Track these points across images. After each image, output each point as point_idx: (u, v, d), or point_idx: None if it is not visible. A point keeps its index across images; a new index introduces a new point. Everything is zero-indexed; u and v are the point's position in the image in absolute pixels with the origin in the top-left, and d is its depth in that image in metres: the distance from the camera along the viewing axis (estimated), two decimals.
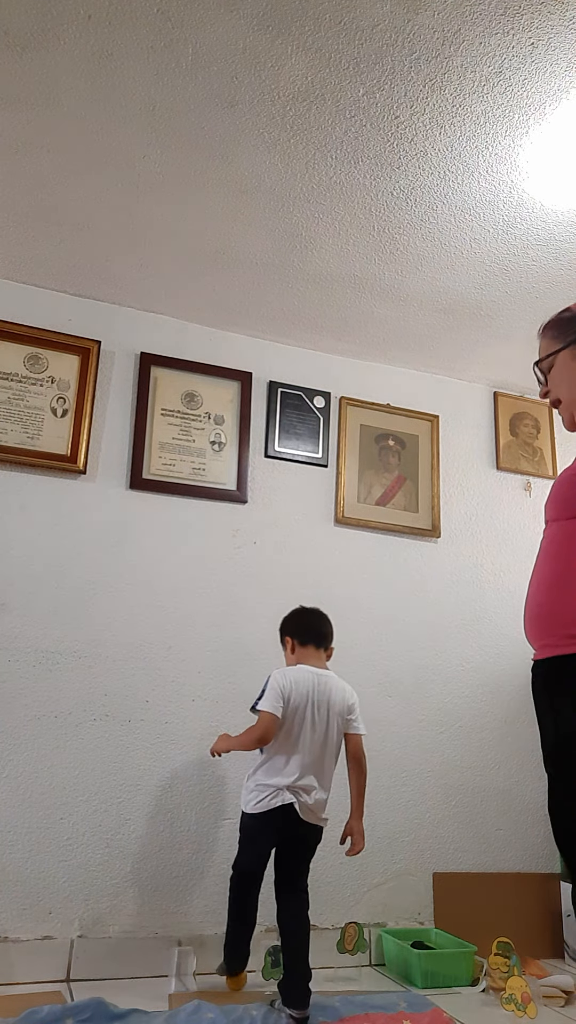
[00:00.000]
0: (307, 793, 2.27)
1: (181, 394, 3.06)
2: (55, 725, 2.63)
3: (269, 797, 2.25)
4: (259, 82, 2.00)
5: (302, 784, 2.26)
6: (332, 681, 2.42)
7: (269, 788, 2.26)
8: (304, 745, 2.30)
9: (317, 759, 2.31)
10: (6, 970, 2.37)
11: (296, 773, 2.27)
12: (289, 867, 2.33)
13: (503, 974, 2.46)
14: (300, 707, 2.32)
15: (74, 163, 2.32)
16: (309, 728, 2.31)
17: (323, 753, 2.33)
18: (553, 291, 2.83)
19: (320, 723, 2.33)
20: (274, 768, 2.29)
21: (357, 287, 2.88)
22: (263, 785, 2.28)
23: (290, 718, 2.30)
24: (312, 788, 2.28)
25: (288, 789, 2.25)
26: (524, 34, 1.84)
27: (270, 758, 2.30)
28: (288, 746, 2.30)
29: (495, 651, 3.27)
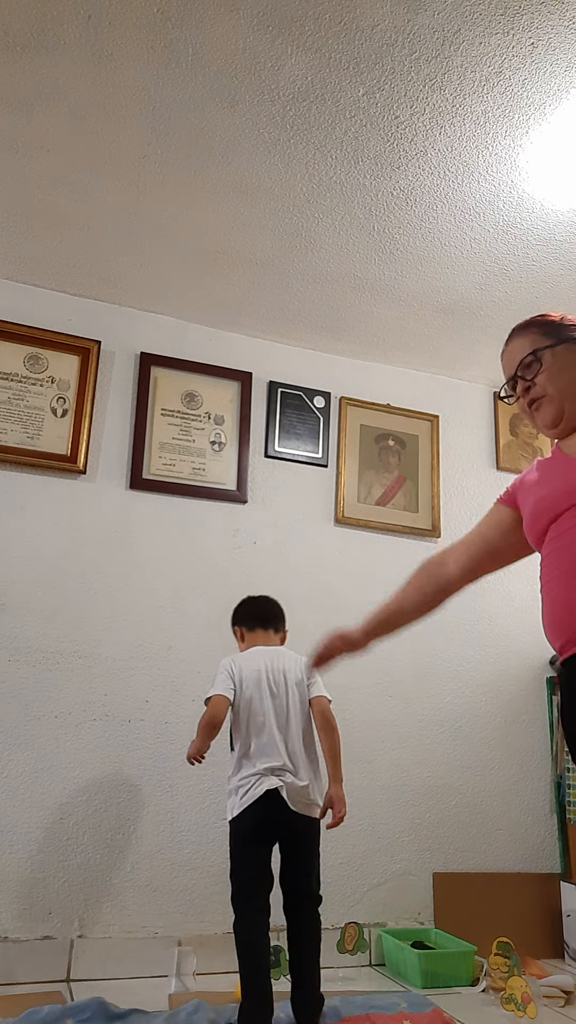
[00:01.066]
0: (292, 775, 2.13)
1: (181, 394, 3.06)
2: (55, 725, 2.63)
3: (252, 786, 2.11)
4: (259, 82, 2.00)
5: (283, 765, 2.14)
6: (286, 654, 2.34)
7: (250, 778, 2.13)
8: (271, 723, 2.19)
9: (289, 735, 2.19)
10: (6, 970, 2.37)
11: (273, 755, 2.15)
12: (291, 868, 2.15)
13: (503, 974, 2.46)
14: (255, 684, 2.24)
15: (74, 163, 2.32)
16: (271, 704, 2.22)
17: (294, 728, 2.21)
18: (553, 291, 2.83)
19: (280, 696, 2.24)
20: (248, 758, 2.17)
21: (357, 287, 2.88)
22: (243, 778, 2.14)
23: (247, 700, 2.22)
24: (294, 769, 2.15)
25: (272, 772, 2.12)
26: (524, 34, 1.84)
27: (242, 750, 2.19)
28: (256, 730, 2.19)
29: (495, 651, 3.27)
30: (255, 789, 2.12)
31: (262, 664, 2.29)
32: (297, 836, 2.16)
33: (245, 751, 2.19)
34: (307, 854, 2.18)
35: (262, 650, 2.34)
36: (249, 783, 2.13)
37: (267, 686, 2.25)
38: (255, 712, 2.22)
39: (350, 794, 2.89)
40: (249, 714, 2.22)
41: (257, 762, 2.15)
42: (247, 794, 2.12)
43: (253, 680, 2.25)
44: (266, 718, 2.21)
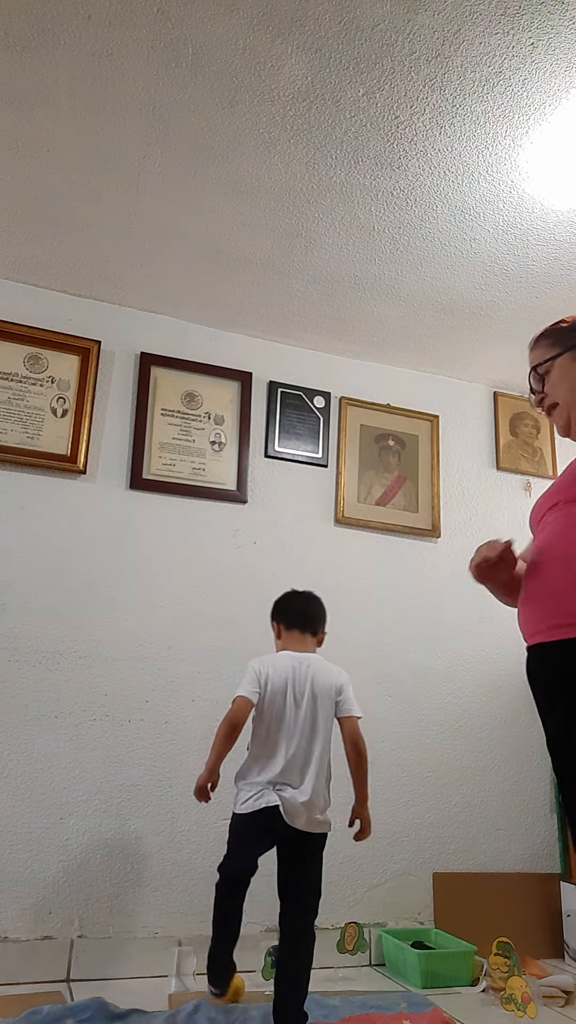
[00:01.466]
0: (294, 789, 2.09)
1: (181, 394, 3.06)
2: (55, 725, 2.63)
3: (254, 797, 2.10)
4: (259, 82, 2.00)
5: (288, 780, 2.10)
6: (316, 663, 2.27)
7: (255, 787, 2.11)
8: (287, 736, 2.15)
9: (303, 751, 2.14)
10: (6, 970, 2.37)
11: (280, 766, 2.11)
12: (287, 879, 2.13)
13: (503, 974, 2.46)
14: (279, 694, 2.19)
15: (74, 163, 2.32)
16: (291, 716, 2.17)
17: (310, 744, 2.16)
18: (553, 291, 2.83)
19: (303, 709, 2.18)
20: (258, 764, 2.15)
21: (357, 287, 2.88)
22: (249, 783, 2.14)
23: (269, 707, 2.18)
24: (299, 784, 2.10)
25: (273, 787, 2.10)
26: (524, 34, 1.84)
27: (255, 754, 2.18)
28: (271, 739, 2.16)
29: (495, 651, 3.27)
30: (256, 800, 2.10)
31: (290, 671, 2.23)
32: (296, 850, 2.12)
33: (257, 755, 2.18)
34: (305, 870, 2.13)
35: (290, 657, 2.28)
36: (252, 791, 2.12)
37: (291, 701, 2.19)
38: (273, 719, 2.18)
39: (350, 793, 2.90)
40: (268, 720, 2.19)
41: (265, 772, 2.13)
42: (247, 802, 2.12)
43: (280, 686, 2.20)
44: (283, 734, 2.16)
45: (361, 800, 2.21)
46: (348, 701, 2.25)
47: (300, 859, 2.13)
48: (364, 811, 2.21)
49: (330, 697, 2.23)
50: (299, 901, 2.10)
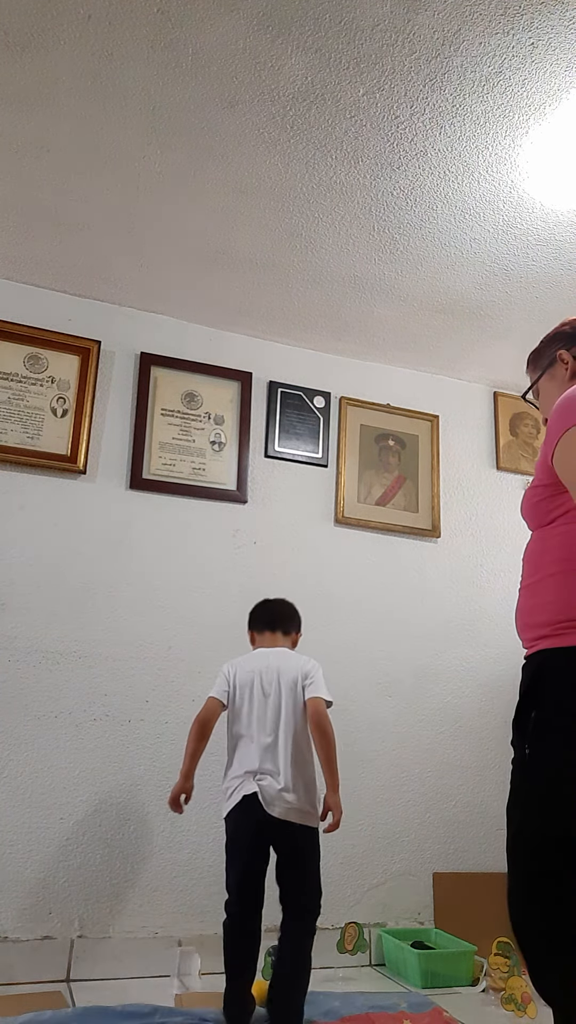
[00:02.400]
0: (272, 777, 2.07)
1: (181, 394, 3.06)
2: (55, 725, 2.63)
3: (235, 790, 2.09)
4: (259, 82, 2.00)
5: (265, 769, 2.08)
6: (286, 654, 2.29)
7: (233, 781, 2.12)
8: (260, 726, 2.15)
9: (275, 737, 2.13)
10: (6, 970, 2.37)
11: (257, 757, 2.10)
12: (281, 875, 2.10)
13: (503, 974, 2.46)
14: (247, 686, 2.21)
15: (74, 163, 2.32)
16: (261, 707, 2.17)
17: (283, 730, 2.14)
18: (553, 291, 2.83)
19: (272, 696, 2.18)
20: (236, 759, 2.15)
21: (357, 287, 2.88)
22: (229, 779, 2.13)
23: (240, 702, 2.20)
24: (275, 772, 2.08)
25: (253, 776, 2.08)
26: (524, 34, 1.84)
27: (231, 750, 2.19)
28: (245, 731, 2.16)
29: (495, 651, 3.27)
30: (236, 793, 2.10)
31: (257, 665, 2.26)
32: (282, 842, 2.09)
33: (233, 752, 2.19)
34: (295, 861, 2.10)
35: (262, 651, 2.33)
36: (232, 786, 2.12)
37: (259, 687, 2.21)
38: (243, 713, 2.19)
39: (350, 794, 2.89)
40: (239, 715, 2.20)
41: (241, 764, 2.13)
42: (230, 797, 2.12)
43: (246, 681, 2.23)
44: (251, 719, 2.17)
45: (330, 786, 2.14)
46: (315, 684, 2.22)
47: (289, 854, 2.09)
48: (334, 796, 2.13)
49: (297, 683, 2.21)
50: (295, 900, 2.08)
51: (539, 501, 1.51)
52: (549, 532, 1.50)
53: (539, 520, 1.53)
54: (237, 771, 2.13)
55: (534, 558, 1.54)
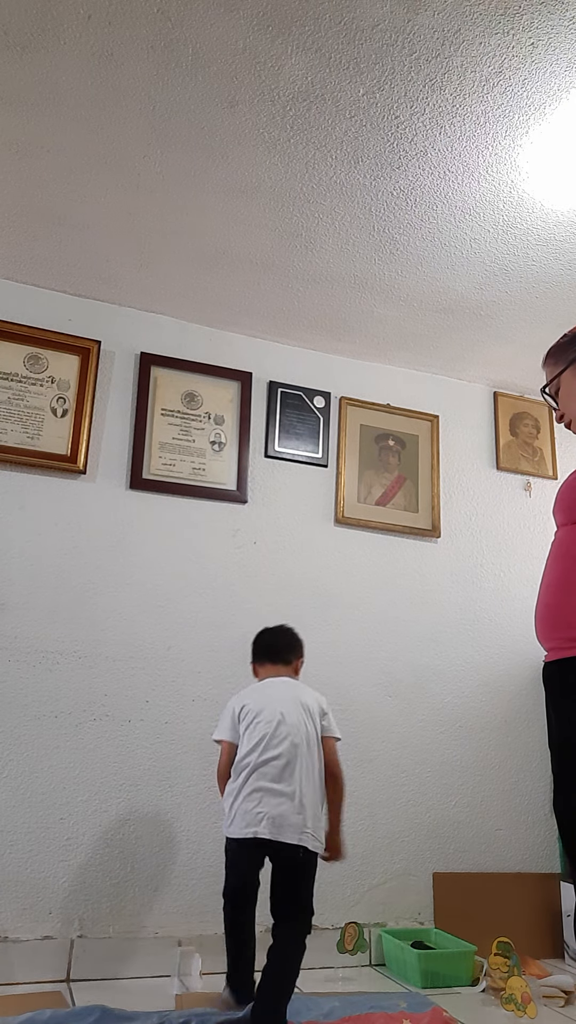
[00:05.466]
0: (287, 799, 2.06)
1: (181, 394, 3.06)
2: (55, 725, 2.63)
3: (241, 824, 2.06)
4: (259, 82, 2.00)
5: (280, 788, 2.07)
6: (295, 683, 2.30)
7: (241, 810, 2.08)
8: (274, 746, 2.11)
9: (292, 760, 2.10)
10: (6, 970, 2.37)
11: (270, 776, 2.08)
12: (276, 892, 2.11)
13: (503, 974, 2.46)
14: (259, 711, 2.18)
15: (74, 163, 2.32)
16: (275, 728, 2.14)
17: (299, 753, 2.12)
18: (553, 291, 2.83)
19: (289, 721, 2.15)
20: (240, 785, 2.11)
21: (357, 287, 2.88)
22: (235, 806, 2.10)
23: (252, 727, 2.17)
24: (291, 793, 2.06)
25: (264, 794, 2.06)
26: (524, 34, 1.84)
27: (236, 775, 2.15)
28: (257, 754, 2.12)
29: (495, 651, 3.27)
30: (244, 828, 2.06)
31: (270, 692, 2.24)
32: (281, 859, 2.08)
33: (238, 778, 2.13)
34: (292, 877, 2.09)
35: (270, 681, 2.31)
36: (238, 813, 2.09)
37: (274, 711, 2.17)
38: (256, 735, 2.15)
39: (351, 794, 2.89)
40: (251, 738, 2.16)
41: (252, 783, 2.10)
42: (233, 825, 2.09)
43: (259, 707, 2.19)
44: (265, 742, 2.13)
45: (334, 828, 2.21)
46: (331, 723, 2.27)
47: (290, 868, 2.07)
48: (334, 837, 2.20)
49: (315, 713, 2.23)
50: (279, 908, 2.08)
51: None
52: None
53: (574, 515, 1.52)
54: (247, 790, 2.08)
55: (569, 552, 1.52)
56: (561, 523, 1.60)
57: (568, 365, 1.66)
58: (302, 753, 2.13)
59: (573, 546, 1.53)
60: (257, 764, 2.11)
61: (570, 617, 1.48)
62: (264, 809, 2.05)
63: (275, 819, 2.04)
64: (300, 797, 2.07)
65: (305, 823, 2.06)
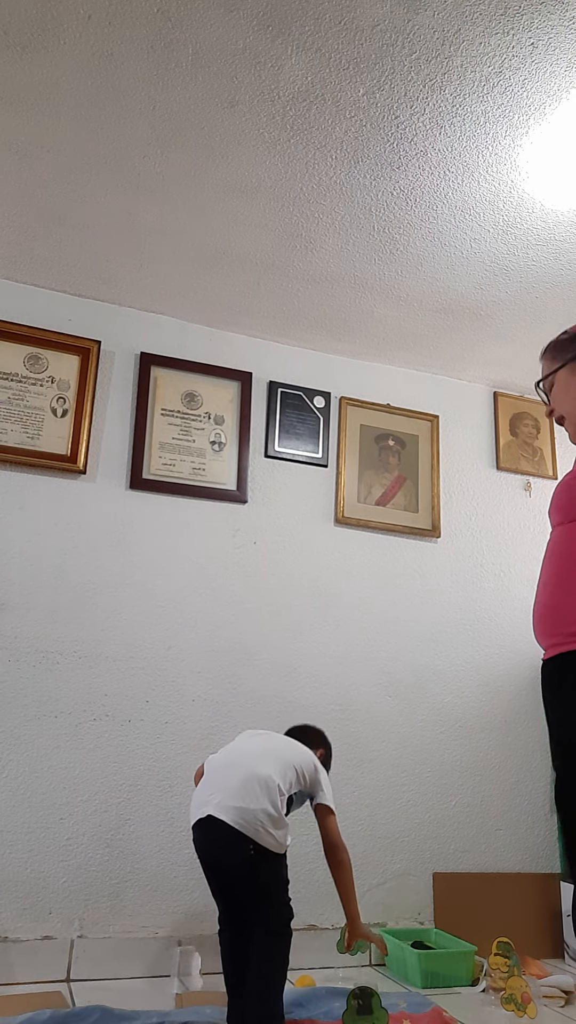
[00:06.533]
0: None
1: (181, 394, 3.06)
2: (55, 725, 2.63)
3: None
4: (259, 82, 2.00)
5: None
6: (284, 738, 2.29)
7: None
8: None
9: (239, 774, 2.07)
10: (6, 970, 2.37)
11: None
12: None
13: (503, 974, 2.46)
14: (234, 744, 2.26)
15: (74, 163, 2.32)
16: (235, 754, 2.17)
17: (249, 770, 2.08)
18: (553, 291, 2.83)
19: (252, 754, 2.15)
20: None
21: (357, 287, 2.88)
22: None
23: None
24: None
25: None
26: (524, 34, 1.84)
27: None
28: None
29: (495, 651, 3.27)
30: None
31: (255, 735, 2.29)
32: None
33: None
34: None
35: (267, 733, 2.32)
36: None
37: (243, 746, 2.21)
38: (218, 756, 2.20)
39: (350, 794, 2.90)
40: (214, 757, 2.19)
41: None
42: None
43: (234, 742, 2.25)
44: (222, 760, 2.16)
45: (354, 917, 2.20)
46: (325, 790, 2.18)
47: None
48: (360, 926, 2.19)
49: (292, 770, 2.11)
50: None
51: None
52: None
53: (572, 514, 1.53)
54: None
55: (566, 551, 1.53)
56: (556, 523, 1.60)
57: (564, 363, 1.67)
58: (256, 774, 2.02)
59: (569, 545, 1.54)
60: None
61: (568, 614, 1.49)
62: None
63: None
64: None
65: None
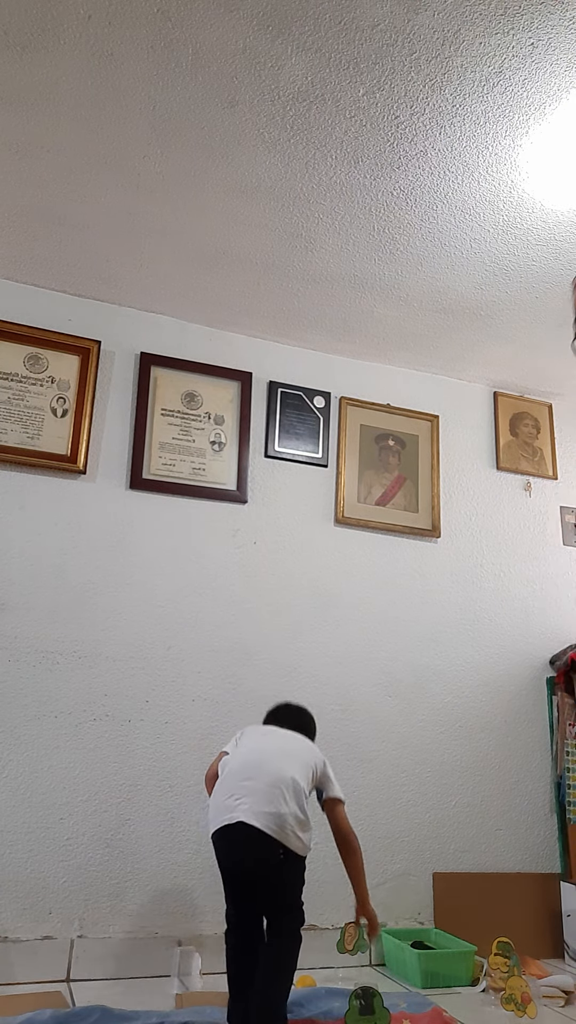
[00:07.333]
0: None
1: (181, 394, 3.06)
2: (55, 725, 2.63)
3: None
4: (259, 82, 2.00)
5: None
6: (295, 736, 2.27)
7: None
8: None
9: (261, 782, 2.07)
10: (6, 970, 2.37)
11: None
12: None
13: (503, 974, 2.46)
14: (248, 740, 2.23)
15: (74, 163, 2.32)
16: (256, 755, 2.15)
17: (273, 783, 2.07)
18: (553, 291, 2.83)
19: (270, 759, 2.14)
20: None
21: (357, 287, 2.88)
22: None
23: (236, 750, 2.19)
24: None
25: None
26: (524, 34, 1.84)
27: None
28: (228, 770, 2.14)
29: (495, 651, 3.27)
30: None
31: (268, 731, 2.25)
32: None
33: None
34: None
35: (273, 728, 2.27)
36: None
37: (260, 745, 2.18)
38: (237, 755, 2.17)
39: (351, 794, 2.89)
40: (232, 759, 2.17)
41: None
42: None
43: (250, 737, 2.23)
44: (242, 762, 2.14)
45: (364, 899, 2.21)
46: (333, 782, 2.20)
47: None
48: (368, 908, 2.21)
49: (308, 768, 2.14)
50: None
51: None
52: None
53: None
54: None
55: None
56: None
57: None
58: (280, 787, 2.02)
59: None
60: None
61: None
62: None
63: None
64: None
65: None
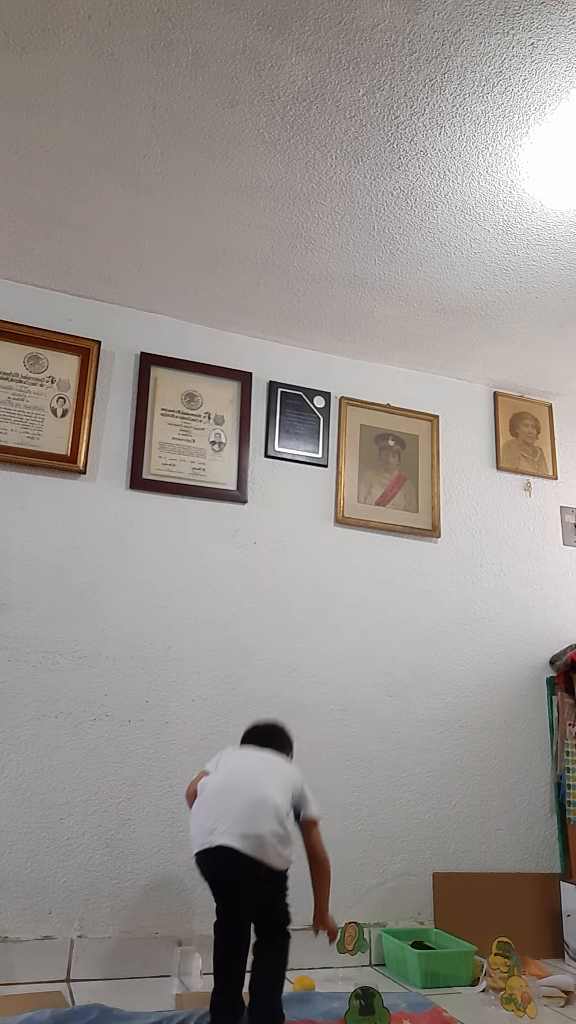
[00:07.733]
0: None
1: (181, 394, 3.06)
2: (55, 725, 2.63)
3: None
4: (259, 82, 2.00)
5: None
6: (273, 758, 2.29)
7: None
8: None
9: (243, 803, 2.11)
10: (6, 970, 2.37)
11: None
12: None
13: (503, 974, 2.46)
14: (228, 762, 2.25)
15: (74, 163, 2.32)
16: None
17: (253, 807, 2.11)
18: (553, 291, 2.83)
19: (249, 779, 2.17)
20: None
21: (357, 287, 2.88)
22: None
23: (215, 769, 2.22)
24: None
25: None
26: (524, 34, 1.84)
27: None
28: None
29: (495, 651, 3.27)
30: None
31: (247, 752, 2.27)
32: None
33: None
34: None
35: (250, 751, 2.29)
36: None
37: (240, 767, 2.20)
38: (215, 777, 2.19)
39: (350, 794, 2.90)
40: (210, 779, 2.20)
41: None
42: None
43: (230, 758, 2.24)
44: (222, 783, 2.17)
45: (324, 909, 2.21)
46: (310, 801, 2.21)
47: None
48: (327, 918, 2.21)
49: (287, 791, 2.16)
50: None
51: None
52: None
53: None
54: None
55: None
56: None
57: None
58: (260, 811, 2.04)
59: None
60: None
61: None
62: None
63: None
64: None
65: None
